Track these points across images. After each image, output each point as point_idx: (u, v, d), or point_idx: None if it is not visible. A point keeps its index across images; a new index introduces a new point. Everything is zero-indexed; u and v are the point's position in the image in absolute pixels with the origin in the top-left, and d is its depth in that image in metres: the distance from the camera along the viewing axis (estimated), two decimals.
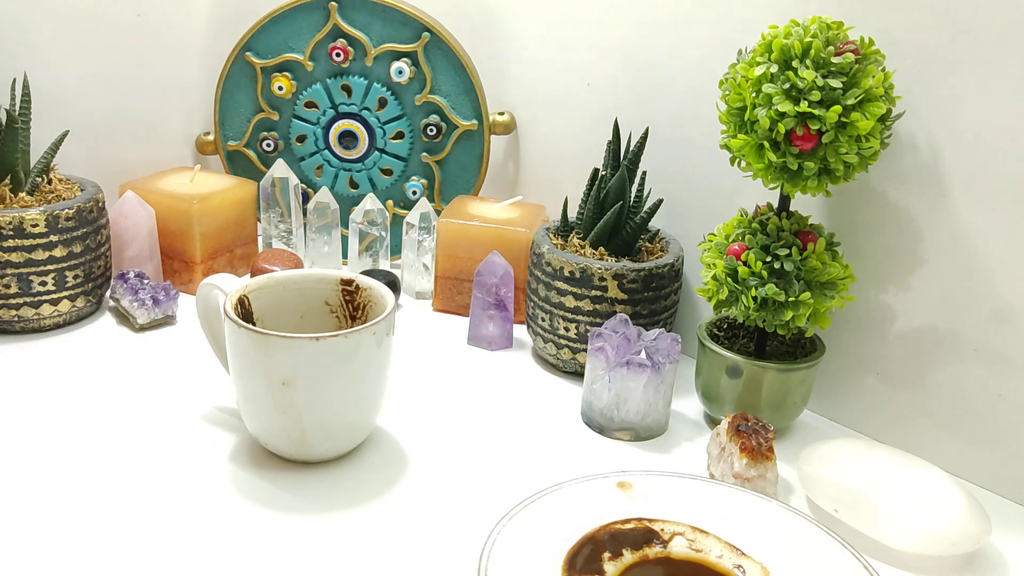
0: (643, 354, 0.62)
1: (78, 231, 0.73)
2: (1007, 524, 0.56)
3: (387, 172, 0.91)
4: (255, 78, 0.90)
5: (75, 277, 0.74)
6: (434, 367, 0.73)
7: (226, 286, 0.59)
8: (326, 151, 0.91)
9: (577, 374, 0.72)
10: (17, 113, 0.73)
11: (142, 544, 0.50)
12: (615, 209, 0.68)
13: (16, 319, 0.72)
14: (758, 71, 0.55)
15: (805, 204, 0.66)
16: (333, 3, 0.86)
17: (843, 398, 0.67)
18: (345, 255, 0.91)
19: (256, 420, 0.57)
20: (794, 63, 0.54)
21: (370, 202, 0.85)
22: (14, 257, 0.70)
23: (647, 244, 0.73)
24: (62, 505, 0.53)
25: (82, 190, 0.76)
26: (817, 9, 0.61)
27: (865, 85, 0.53)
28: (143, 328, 0.76)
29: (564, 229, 0.74)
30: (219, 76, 0.90)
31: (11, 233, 0.69)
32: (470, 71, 0.87)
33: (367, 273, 0.77)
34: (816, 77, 0.53)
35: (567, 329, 0.70)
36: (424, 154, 0.90)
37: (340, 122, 0.90)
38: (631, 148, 0.70)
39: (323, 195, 0.86)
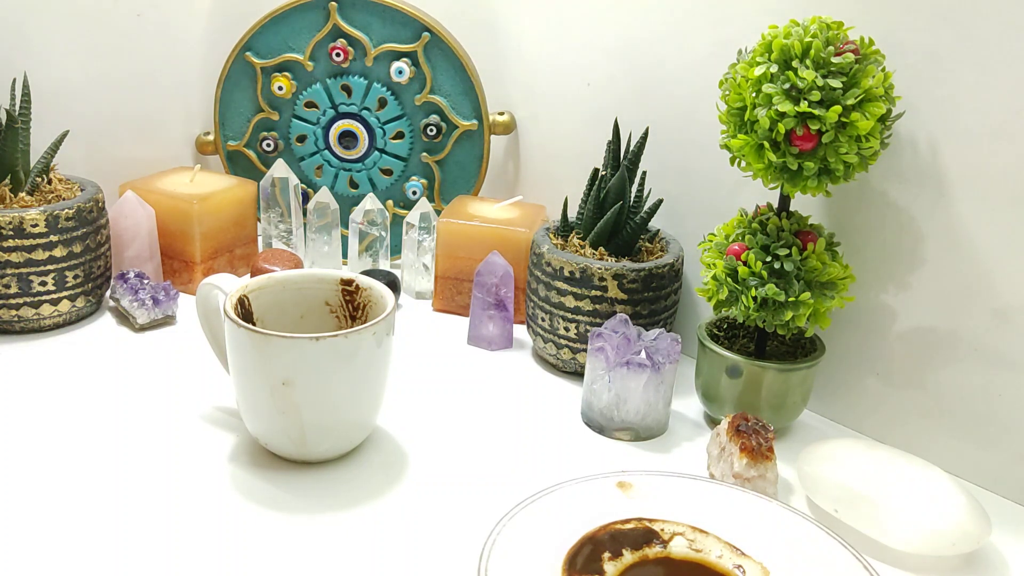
0: (643, 354, 0.62)
1: (78, 231, 0.73)
2: (1007, 524, 0.56)
3: (387, 172, 0.91)
4: (255, 78, 0.90)
5: (75, 277, 0.74)
6: (434, 367, 0.73)
7: (226, 286, 0.59)
8: (326, 151, 0.91)
9: (577, 374, 0.72)
10: (17, 113, 0.73)
11: (142, 544, 0.50)
12: (615, 209, 0.68)
13: (16, 319, 0.72)
14: (758, 71, 0.55)
15: (805, 204, 0.66)
16: (333, 3, 0.86)
17: (843, 398, 0.67)
18: (345, 255, 0.91)
19: (256, 420, 0.57)
20: (794, 63, 0.54)
21: (370, 202, 0.85)
22: (14, 257, 0.70)
23: (647, 244, 0.73)
24: (62, 505, 0.53)
25: (82, 190, 0.76)
26: (817, 9, 0.61)
27: (865, 85, 0.53)
28: (143, 328, 0.76)
29: (564, 229, 0.74)
30: (219, 76, 0.90)
31: (11, 233, 0.69)
32: (470, 71, 0.87)
33: (367, 273, 0.76)
34: (816, 77, 0.53)
35: (567, 329, 0.70)
36: (424, 154, 0.90)
37: (340, 122, 0.90)
38: (631, 148, 0.70)
39: (323, 195, 0.86)
